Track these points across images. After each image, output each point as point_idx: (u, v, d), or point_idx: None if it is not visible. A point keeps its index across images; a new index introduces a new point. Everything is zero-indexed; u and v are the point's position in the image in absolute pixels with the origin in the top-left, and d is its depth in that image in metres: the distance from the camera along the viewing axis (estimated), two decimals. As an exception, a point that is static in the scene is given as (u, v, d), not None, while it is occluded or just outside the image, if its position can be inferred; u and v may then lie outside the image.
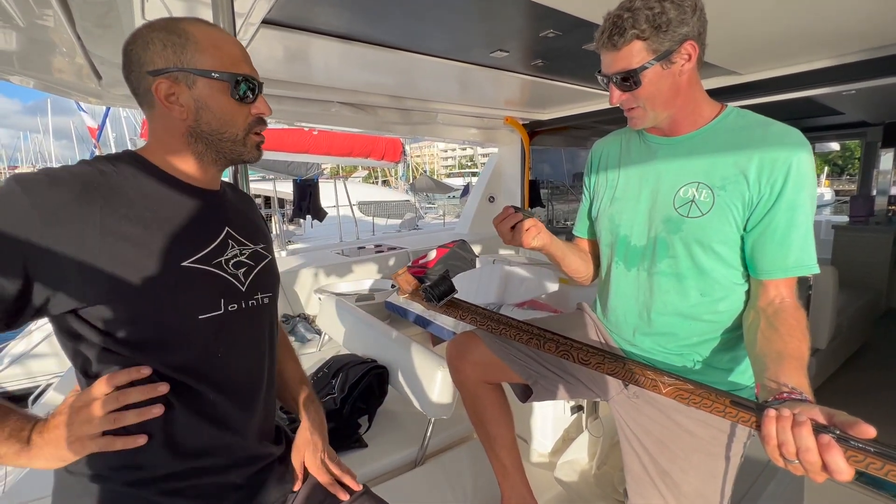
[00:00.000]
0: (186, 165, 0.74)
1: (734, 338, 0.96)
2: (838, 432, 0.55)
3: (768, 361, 0.74)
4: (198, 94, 0.70)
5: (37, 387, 3.13)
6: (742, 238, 0.90)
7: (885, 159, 4.37)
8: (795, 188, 0.83)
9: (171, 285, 0.67)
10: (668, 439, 1.01)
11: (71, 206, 0.60)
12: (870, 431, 0.53)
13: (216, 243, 0.74)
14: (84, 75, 1.92)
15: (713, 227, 0.89)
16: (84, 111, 10.01)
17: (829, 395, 2.61)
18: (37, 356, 3.83)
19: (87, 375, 0.66)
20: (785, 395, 0.65)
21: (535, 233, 0.99)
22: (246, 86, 0.72)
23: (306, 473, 0.87)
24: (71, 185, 0.62)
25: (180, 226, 0.70)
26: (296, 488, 0.86)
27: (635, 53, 0.84)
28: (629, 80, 0.86)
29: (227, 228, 0.78)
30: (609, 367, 0.84)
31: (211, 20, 1.05)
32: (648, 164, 1.00)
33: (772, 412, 0.60)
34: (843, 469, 0.53)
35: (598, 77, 0.93)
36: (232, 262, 0.76)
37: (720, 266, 0.92)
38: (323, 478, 0.86)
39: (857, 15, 1.55)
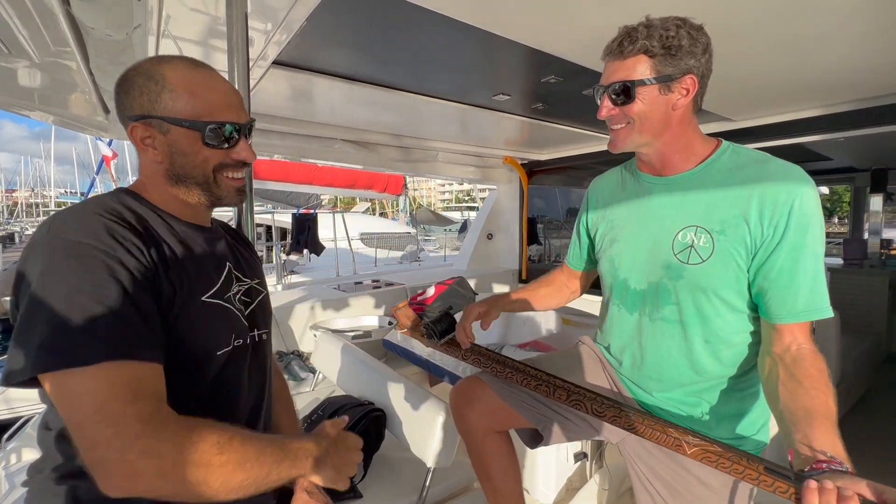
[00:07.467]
0: (176, 203, 0.73)
1: (739, 386, 0.94)
2: None
3: (798, 420, 0.70)
4: (171, 139, 0.68)
5: (18, 418, 2.98)
6: (749, 281, 0.87)
7: (875, 202, 4.48)
8: (800, 228, 0.79)
9: (192, 321, 0.65)
10: (679, 486, 0.97)
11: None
12: None
13: (223, 278, 0.74)
14: (93, 109, 1.95)
15: (716, 275, 0.86)
16: (100, 139, 10.24)
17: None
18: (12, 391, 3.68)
19: None
20: (824, 465, 0.61)
21: (482, 322, 1.14)
22: (219, 133, 0.70)
23: None
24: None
25: (192, 261, 0.69)
26: None
27: (639, 66, 0.82)
28: (625, 92, 0.84)
29: (228, 264, 0.77)
30: (626, 422, 0.80)
31: (226, 64, 1.07)
32: (645, 205, 0.98)
33: (813, 483, 0.57)
34: None
35: (594, 90, 0.91)
36: (237, 297, 0.75)
37: (727, 312, 0.89)
38: None
39: (846, 67, 1.62)
